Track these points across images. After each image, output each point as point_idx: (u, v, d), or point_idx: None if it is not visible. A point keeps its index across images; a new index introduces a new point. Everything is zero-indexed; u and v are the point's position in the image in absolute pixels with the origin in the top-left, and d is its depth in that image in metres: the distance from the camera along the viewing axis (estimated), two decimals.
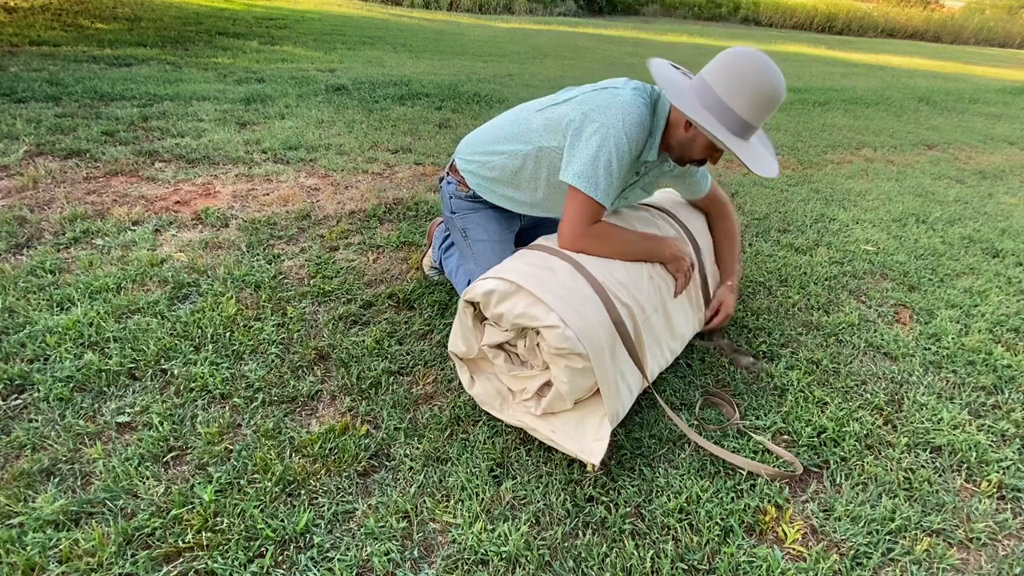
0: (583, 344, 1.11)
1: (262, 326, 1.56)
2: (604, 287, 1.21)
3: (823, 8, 17.76)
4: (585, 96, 1.30)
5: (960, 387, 1.59)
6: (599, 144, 1.23)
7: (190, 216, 2.13)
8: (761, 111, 1.19)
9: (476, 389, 1.30)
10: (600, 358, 1.14)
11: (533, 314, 1.14)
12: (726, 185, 3.01)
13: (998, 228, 2.72)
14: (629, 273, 1.29)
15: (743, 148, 1.20)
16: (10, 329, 1.45)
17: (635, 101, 1.25)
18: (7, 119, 2.75)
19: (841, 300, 1.98)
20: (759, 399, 1.47)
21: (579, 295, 1.17)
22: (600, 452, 1.15)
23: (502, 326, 1.23)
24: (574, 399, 1.22)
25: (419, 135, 3.35)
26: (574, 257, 1.26)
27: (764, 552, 1.07)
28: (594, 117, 1.25)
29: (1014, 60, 13.58)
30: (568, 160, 1.27)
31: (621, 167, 1.25)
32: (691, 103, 1.20)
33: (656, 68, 1.25)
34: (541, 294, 1.14)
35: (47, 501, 1.04)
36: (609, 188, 1.25)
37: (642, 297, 1.29)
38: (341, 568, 0.98)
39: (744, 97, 1.17)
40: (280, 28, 6.90)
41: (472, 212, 1.56)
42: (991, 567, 1.10)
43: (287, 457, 1.19)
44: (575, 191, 1.26)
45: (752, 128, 1.21)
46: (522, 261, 1.26)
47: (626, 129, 1.23)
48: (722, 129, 1.18)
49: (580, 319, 1.13)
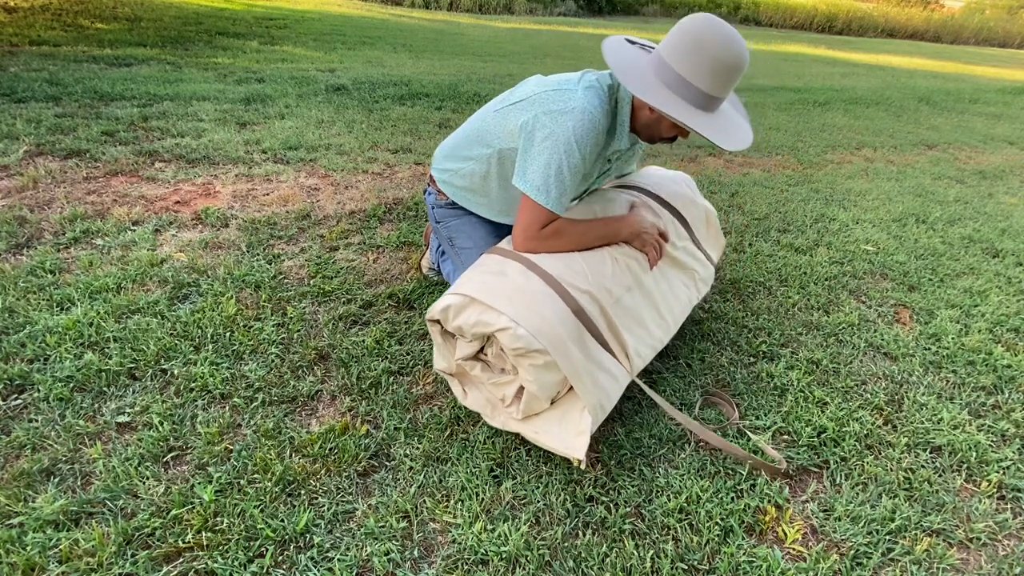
0: (538, 339, 1.11)
1: (262, 326, 1.56)
2: (558, 279, 1.19)
3: (823, 8, 17.76)
4: (538, 96, 1.26)
5: (960, 387, 1.59)
6: (550, 152, 1.20)
7: (190, 216, 2.13)
8: (724, 81, 1.14)
9: (469, 400, 1.30)
10: (562, 351, 1.13)
11: (486, 320, 1.14)
12: (725, 185, 3.01)
13: (998, 228, 2.72)
14: (588, 260, 1.27)
15: (707, 123, 1.15)
16: (10, 329, 1.45)
17: (587, 104, 1.20)
18: (7, 119, 2.75)
19: (841, 300, 1.98)
20: (759, 399, 1.47)
21: (531, 293, 1.17)
22: (582, 447, 1.14)
23: (466, 338, 1.23)
24: (548, 397, 1.20)
25: (419, 135, 3.35)
26: (527, 256, 1.25)
27: (764, 552, 1.07)
28: (545, 123, 1.21)
29: (1014, 60, 13.58)
30: (521, 165, 1.25)
31: (574, 174, 1.22)
32: (647, 84, 1.14)
33: (610, 52, 1.18)
34: (490, 300, 1.14)
35: (47, 501, 1.04)
36: (562, 195, 1.23)
37: (607, 280, 1.26)
38: (341, 568, 0.98)
39: (704, 70, 1.11)
40: (280, 28, 6.90)
41: (455, 219, 1.56)
42: (991, 567, 1.10)
43: (287, 457, 1.19)
44: (527, 198, 1.24)
45: (718, 99, 1.16)
46: (477, 271, 1.26)
47: (577, 138, 1.19)
48: (684, 106, 1.13)
49: (534, 316, 1.13)
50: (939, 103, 6.12)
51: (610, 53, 1.18)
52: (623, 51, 1.21)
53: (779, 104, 5.27)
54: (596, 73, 1.29)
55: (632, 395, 1.45)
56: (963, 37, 18.58)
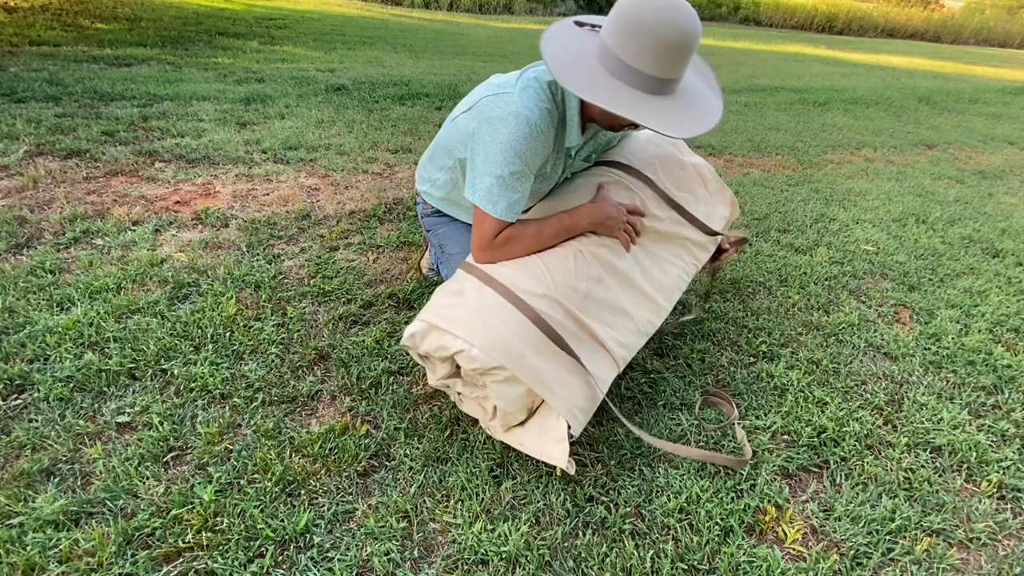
0: (493, 357, 1.09)
1: (262, 326, 1.56)
2: (512, 289, 1.17)
3: (823, 8, 17.76)
4: (480, 103, 1.21)
5: (960, 387, 1.59)
6: (492, 163, 1.16)
7: (190, 216, 2.13)
8: (673, 62, 1.03)
9: (465, 407, 1.30)
10: (520, 363, 1.10)
11: (445, 345, 1.13)
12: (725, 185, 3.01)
13: (998, 228, 2.72)
14: (548, 261, 1.23)
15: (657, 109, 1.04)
16: (10, 329, 1.45)
17: (522, 108, 1.14)
18: (7, 119, 2.75)
19: (841, 300, 1.98)
20: (759, 399, 1.47)
21: (484, 309, 1.15)
22: (562, 455, 1.11)
23: (434, 361, 1.22)
24: (521, 408, 1.18)
25: (419, 135, 3.35)
26: (484, 269, 1.22)
27: (764, 552, 1.07)
28: (484, 132, 1.17)
29: (1014, 60, 13.58)
30: (470, 176, 1.22)
31: (519, 181, 1.18)
32: (586, 78, 1.04)
33: (547, 43, 1.08)
34: (444, 324, 1.13)
35: (47, 501, 1.04)
36: (511, 204, 1.18)
37: (570, 278, 1.22)
38: (341, 568, 0.98)
39: (648, 53, 1.00)
40: (280, 28, 6.90)
41: (443, 227, 1.56)
42: (991, 567, 1.10)
43: (287, 457, 1.19)
44: (478, 209, 1.21)
45: (671, 80, 1.06)
46: (440, 292, 1.25)
47: (514, 145, 1.14)
48: (627, 94, 1.04)
49: (486, 332, 1.11)
50: (939, 103, 6.12)
51: (548, 43, 1.08)
52: (564, 39, 1.11)
53: (779, 104, 5.27)
54: (537, 68, 1.22)
55: (631, 395, 1.45)
56: (963, 37, 18.59)
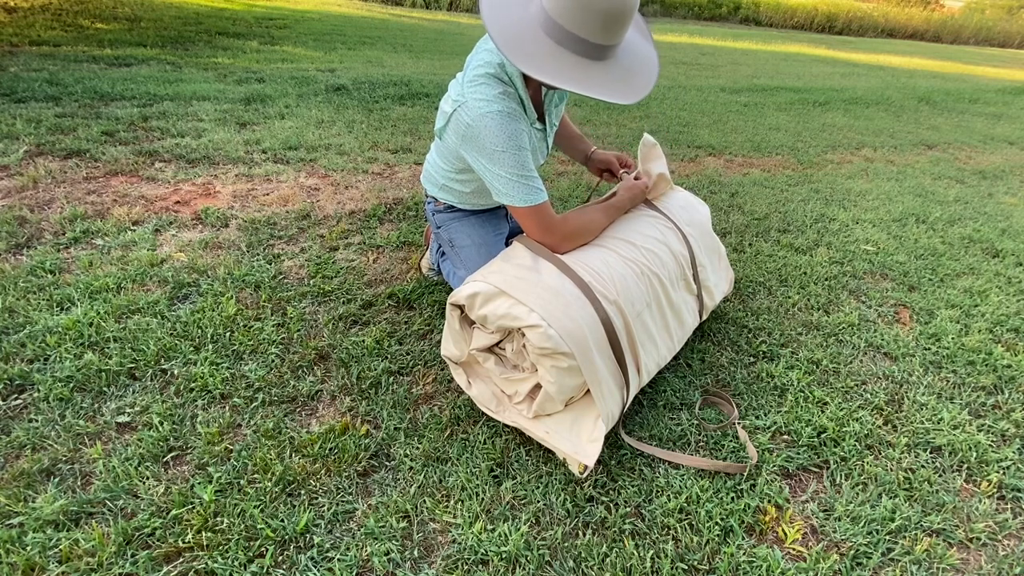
0: (567, 342, 1.10)
1: (262, 326, 1.56)
2: (590, 286, 1.19)
3: (823, 8, 17.75)
4: (456, 118, 1.24)
5: (960, 387, 1.59)
6: (501, 164, 1.20)
7: (190, 216, 2.13)
8: (609, 28, 1.04)
9: (474, 391, 1.31)
10: (586, 356, 1.13)
11: (515, 314, 1.13)
12: (725, 185, 3.01)
13: (998, 228, 2.72)
14: (617, 270, 1.28)
15: (598, 76, 1.07)
16: (10, 329, 1.45)
17: (485, 107, 1.17)
18: (7, 119, 2.75)
19: (841, 300, 1.98)
20: (759, 399, 1.47)
21: (564, 295, 1.16)
22: (595, 453, 1.15)
23: (488, 328, 1.23)
24: (564, 400, 1.21)
25: (419, 135, 3.35)
26: (560, 257, 1.25)
27: (764, 552, 1.07)
28: (472, 147, 1.23)
29: (1014, 60, 13.57)
30: (493, 188, 1.26)
31: (524, 165, 1.22)
32: (531, 49, 1.05)
33: (489, 17, 1.08)
34: (522, 297, 1.13)
35: (47, 501, 1.04)
36: (533, 181, 1.23)
37: (632, 294, 1.27)
38: (341, 568, 0.98)
39: (583, 18, 1.02)
40: (280, 28, 6.90)
41: (455, 222, 1.57)
42: (991, 567, 1.10)
43: (287, 457, 1.19)
44: (514, 208, 1.25)
45: (609, 47, 1.08)
46: (510, 263, 1.25)
47: (503, 140, 1.18)
48: (567, 60, 1.05)
49: (564, 318, 1.12)
50: (939, 103, 6.12)
51: (490, 20, 1.07)
52: (506, 14, 1.10)
53: (779, 104, 5.27)
54: (477, 58, 1.23)
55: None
56: (963, 37, 18.58)
